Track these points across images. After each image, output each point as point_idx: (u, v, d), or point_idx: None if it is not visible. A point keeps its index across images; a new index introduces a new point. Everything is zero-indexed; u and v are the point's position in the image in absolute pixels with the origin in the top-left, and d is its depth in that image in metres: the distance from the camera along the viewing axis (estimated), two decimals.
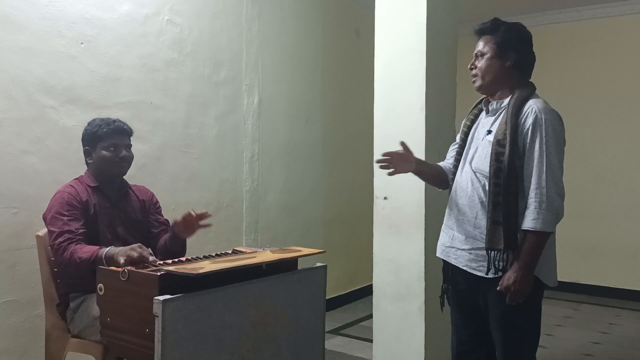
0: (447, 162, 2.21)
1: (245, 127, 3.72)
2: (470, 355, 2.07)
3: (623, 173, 4.97)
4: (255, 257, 1.97)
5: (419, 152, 2.75)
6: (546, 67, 5.25)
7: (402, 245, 2.84)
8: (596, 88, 5.08)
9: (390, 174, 2.08)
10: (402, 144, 2.06)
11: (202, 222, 2.24)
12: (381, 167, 2.07)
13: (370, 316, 3.09)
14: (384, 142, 2.92)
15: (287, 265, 2.07)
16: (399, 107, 2.87)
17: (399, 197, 2.85)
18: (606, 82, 5.04)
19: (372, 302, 3.01)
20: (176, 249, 2.30)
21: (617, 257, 4.98)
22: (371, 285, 3.02)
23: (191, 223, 2.21)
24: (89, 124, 2.28)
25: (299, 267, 2.14)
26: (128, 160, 2.28)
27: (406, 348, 2.85)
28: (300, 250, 2.10)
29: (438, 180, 2.21)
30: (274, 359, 1.95)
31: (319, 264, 2.18)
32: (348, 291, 4.71)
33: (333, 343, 3.68)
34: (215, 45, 3.48)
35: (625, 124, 4.95)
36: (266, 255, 2.00)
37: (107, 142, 2.22)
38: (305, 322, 2.09)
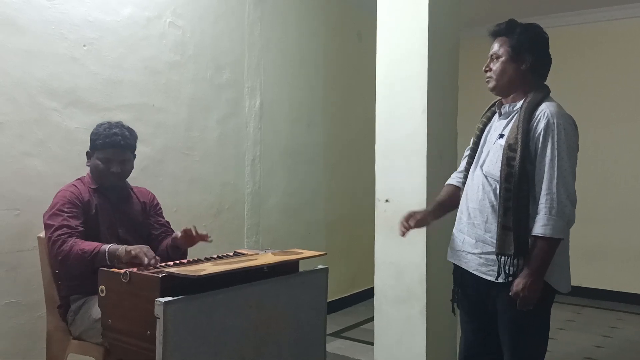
0: (457, 174, 2.19)
1: (247, 130, 3.72)
2: (479, 359, 2.06)
3: (626, 176, 4.96)
4: (256, 259, 1.97)
5: (421, 155, 2.76)
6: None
7: (404, 248, 2.84)
8: (598, 91, 5.08)
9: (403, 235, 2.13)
10: (406, 224, 2.11)
11: (202, 239, 2.25)
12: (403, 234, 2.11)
13: (372, 319, 3.09)
14: (385, 145, 2.93)
15: (288, 268, 2.07)
16: (400, 110, 2.87)
17: (400, 199, 2.84)
18: (608, 85, 5.04)
19: (373, 305, 3.00)
20: (177, 257, 2.30)
21: (620, 260, 4.97)
22: (372, 288, 3.02)
23: (191, 237, 2.22)
24: (96, 126, 2.29)
25: (301, 270, 2.14)
26: (119, 175, 2.26)
27: (407, 351, 2.84)
28: (301, 253, 2.10)
29: (456, 204, 2.15)
30: None
31: (320, 267, 2.18)
32: (349, 294, 4.70)
33: (334, 346, 3.68)
34: (217, 48, 3.48)
35: (627, 127, 4.95)
36: (267, 258, 2.00)
37: (102, 153, 2.22)
38: (306, 324, 2.08)
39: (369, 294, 4.01)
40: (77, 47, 2.72)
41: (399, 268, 2.86)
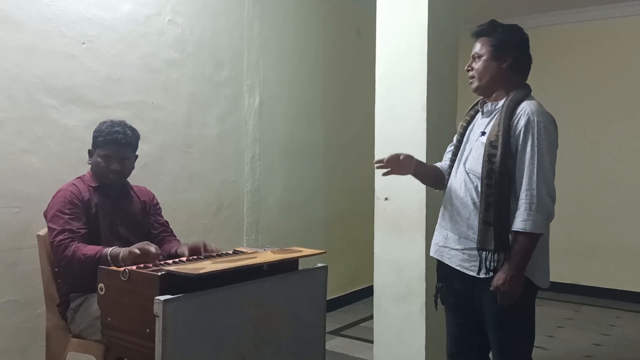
0: (444, 163, 2.23)
1: (246, 128, 3.71)
2: (465, 356, 2.09)
3: (625, 174, 4.96)
4: (256, 257, 1.97)
5: (420, 152, 2.76)
6: (548, 68, 5.24)
7: (403, 245, 2.84)
8: (599, 89, 5.08)
9: (385, 174, 2.10)
10: (405, 155, 2.08)
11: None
12: (377, 167, 2.10)
13: (371, 317, 3.09)
14: (385, 142, 2.92)
15: (288, 266, 2.07)
16: (400, 107, 2.87)
17: (400, 197, 2.84)
18: (608, 83, 5.03)
19: (372, 303, 3.01)
20: None
21: (619, 258, 4.97)
22: (372, 286, 3.02)
23: (198, 252, 2.18)
24: (99, 124, 2.29)
25: (300, 268, 2.14)
26: (119, 173, 2.26)
27: (407, 349, 2.84)
28: (301, 251, 2.10)
29: (435, 182, 2.23)
30: None
31: (319, 265, 2.17)
32: (349, 292, 4.71)
33: (334, 344, 3.68)
34: (217, 45, 3.47)
35: (627, 125, 4.95)
36: (267, 256, 1.99)
37: (103, 151, 2.23)
38: (306, 322, 2.08)
39: (368, 291, 4.01)
40: (76, 44, 2.71)
41: (399, 266, 2.86)
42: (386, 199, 2.91)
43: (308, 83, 4.28)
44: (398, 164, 2.07)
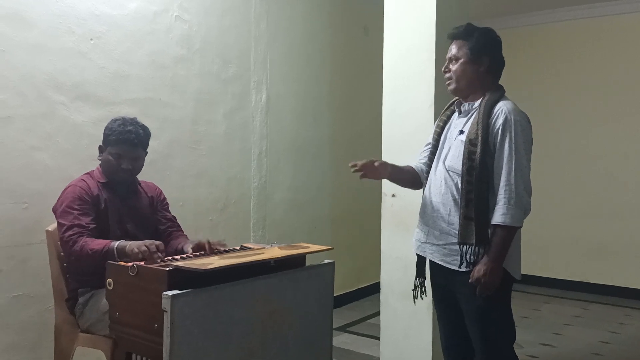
0: (419, 162, 2.28)
1: (254, 124, 3.72)
2: (459, 348, 2.13)
3: (634, 172, 4.92)
4: (263, 253, 1.98)
5: None
6: (554, 66, 5.21)
7: (411, 242, 2.82)
8: (607, 86, 5.03)
9: (361, 177, 2.18)
10: (380, 163, 2.15)
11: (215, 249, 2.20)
12: (353, 170, 2.16)
13: (378, 314, 3.09)
14: (391, 139, 2.92)
15: (295, 262, 2.07)
16: (407, 104, 2.86)
17: (407, 194, 2.83)
18: (615, 80, 4.99)
19: (379, 300, 3.01)
20: None
21: (627, 256, 4.94)
22: (378, 282, 3.02)
23: (202, 249, 2.18)
24: (111, 121, 2.30)
25: (307, 264, 2.14)
26: (129, 172, 2.27)
27: (414, 346, 2.84)
28: (308, 247, 2.11)
29: (411, 183, 2.29)
30: (282, 355, 1.96)
31: (327, 261, 2.18)
32: (355, 288, 4.71)
33: (340, 340, 3.68)
34: (224, 42, 3.48)
35: (635, 122, 4.91)
36: (274, 252, 2.00)
37: (114, 149, 2.24)
38: (313, 318, 2.09)
39: (374, 288, 4.01)
40: (84, 41, 2.72)
41: (406, 263, 2.85)
42: (393, 195, 2.90)
43: (315, 80, 4.27)
44: (372, 170, 2.14)
